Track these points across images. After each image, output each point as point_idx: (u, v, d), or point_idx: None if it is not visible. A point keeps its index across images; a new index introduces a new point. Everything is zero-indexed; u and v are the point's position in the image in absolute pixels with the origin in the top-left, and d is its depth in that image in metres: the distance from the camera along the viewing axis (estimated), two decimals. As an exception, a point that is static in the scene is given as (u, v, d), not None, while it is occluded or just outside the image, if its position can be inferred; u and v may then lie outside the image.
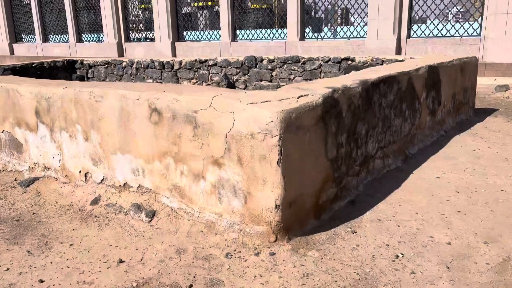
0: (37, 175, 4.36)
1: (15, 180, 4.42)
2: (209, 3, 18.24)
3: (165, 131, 3.27)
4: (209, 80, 8.39)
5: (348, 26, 14.85)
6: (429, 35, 12.84)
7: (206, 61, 8.37)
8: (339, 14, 15.53)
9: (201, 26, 17.38)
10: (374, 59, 6.80)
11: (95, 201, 3.72)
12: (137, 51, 17.83)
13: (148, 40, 18.44)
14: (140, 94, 3.39)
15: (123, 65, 9.22)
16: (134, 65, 9.08)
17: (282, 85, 6.92)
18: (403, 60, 6.45)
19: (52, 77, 8.99)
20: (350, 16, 15.83)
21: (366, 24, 14.26)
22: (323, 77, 7.28)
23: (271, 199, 2.83)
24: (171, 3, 16.63)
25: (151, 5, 17.66)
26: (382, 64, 6.75)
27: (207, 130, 3.02)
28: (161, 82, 8.22)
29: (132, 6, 18.02)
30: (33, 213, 3.66)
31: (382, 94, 3.92)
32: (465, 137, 5.22)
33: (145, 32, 18.19)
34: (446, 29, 12.53)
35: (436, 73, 4.98)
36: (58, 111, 4.02)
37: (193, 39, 17.06)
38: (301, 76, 7.49)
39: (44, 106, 4.14)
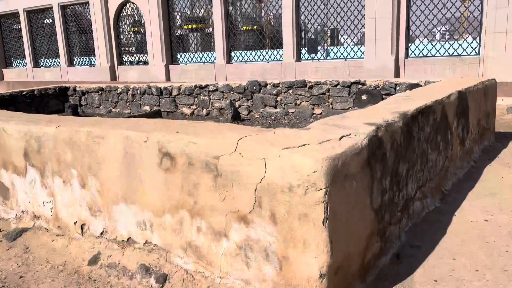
0: (25, 225, 3.74)
1: (0, 230, 3.79)
2: (200, 26, 17.91)
3: (179, 179, 2.70)
4: (210, 106, 7.86)
5: (338, 47, 14.52)
6: (427, 55, 12.53)
7: (206, 86, 7.86)
8: (328, 34, 15.23)
9: (193, 48, 16.96)
10: (387, 83, 6.34)
11: (94, 260, 3.12)
12: (130, 75, 17.30)
13: (141, 63, 17.94)
14: (148, 136, 2.83)
15: (118, 92, 8.66)
16: (130, 92, 8.53)
17: (291, 111, 6.42)
18: (419, 85, 6.00)
19: (43, 105, 8.40)
20: (340, 37, 15.54)
21: (356, 44, 13.94)
22: (331, 102, 6.80)
23: (315, 267, 2.27)
24: (164, 26, 16.21)
25: (143, 28, 17.24)
26: (395, 88, 6.30)
27: (232, 180, 2.46)
28: (159, 109, 7.67)
29: (124, 29, 17.56)
30: (20, 277, 3.03)
31: (421, 127, 3.41)
32: (497, 167, 4.73)
33: (138, 55, 17.70)
34: (444, 49, 12.22)
35: (465, 99, 4.51)
36: (50, 153, 3.44)
37: (187, 61, 16.60)
38: (308, 101, 7.00)
39: (34, 147, 3.55)
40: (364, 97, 6.50)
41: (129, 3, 16.77)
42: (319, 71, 14.04)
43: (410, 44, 12.74)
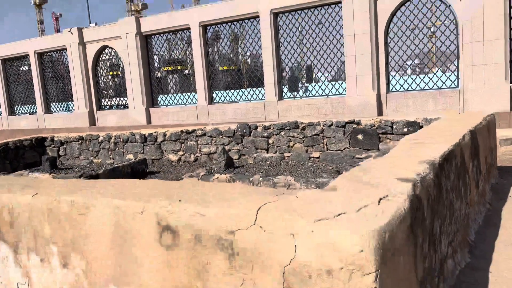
0: (-5, 311, 3.13)
1: (-36, 319, 3.15)
2: (179, 67, 17.67)
3: (184, 259, 2.21)
4: (198, 151, 7.40)
5: (319, 84, 14.46)
6: (408, 89, 12.49)
7: (193, 131, 7.42)
8: (303, 72, 15.16)
9: (174, 90, 16.64)
10: (383, 121, 6.04)
11: None
12: (109, 119, 16.75)
13: (120, 107, 17.46)
14: (145, 206, 2.34)
15: (99, 140, 8.12)
16: (112, 140, 8.00)
17: (287, 156, 6.00)
18: (417, 122, 5.71)
19: (18, 158, 7.76)
20: (314, 74, 15.52)
21: (330, 81, 13.86)
22: (326, 143, 6.43)
23: None
24: (144, 69, 15.89)
25: (121, 71, 16.88)
26: (392, 127, 5.99)
27: (252, 261, 1.99)
28: (144, 158, 7.15)
29: (102, 73, 17.15)
30: None
31: (447, 176, 3.03)
32: (513, 208, 4.38)
33: (117, 99, 17.23)
34: (424, 82, 12.23)
35: (475, 138, 4.20)
36: (25, 226, 2.89)
37: (168, 104, 16.21)
38: (301, 143, 6.63)
39: (6, 219, 2.99)
40: (360, 136, 6.17)
41: (108, 48, 16.45)
42: (302, 109, 13.84)
43: (390, 79, 12.71)
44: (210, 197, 2.34)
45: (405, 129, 5.89)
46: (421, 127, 5.82)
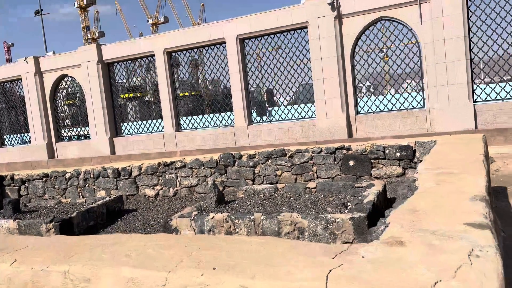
0: None
1: None
2: (138, 94, 17.03)
3: None
4: (178, 185, 6.83)
5: (273, 108, 14.32)
6: (376, 110, 12.52)
7: (172, 163, 6.86)
8: (264, 95, 15.02)
9: (132, 118, 15.96)
10: (374, 146, 5.78)
11: None
12: (70, 151, 15.71)
13: (81, 138, 16.46)
14: (168, 277, 1.83)
15: (66, 177, 7.35)
16: (82, 175, 7.27)
17: (280, 187, 5.58)
18: (410, 146, 5.49)
19: (-27, 201, 6.82)
20: (273, 97, 15.40)
21: (287, 106, 13.74)
22: (316, 171, 6.08)
23: None
24: (107, 97, 15.10)
25: (79, 100, 15.99)
26: (384, 152, 5.74)
27: None
28: (120, 196, 6.49)
29: (61, 103, 16.17)
30: None
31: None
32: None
33: (78, 129, 16.24)
34: (391, 103, 12.31)
35: (487, 161, 3.97)
36: (1, 305, 2.27)
37: (133, 132, 15.43)
38: (289, 172, 6.24)
39: (-25, 295, 2.36)
40: (351, 163, 5.87)
41: (67, 77, 15.55)
42: (273, 133, 13.55)
43: (358, 101, 12.71)
44: (248, 260, 1.87)
45: (398, 154, 5.66)
46: (414, 151, 5.61)
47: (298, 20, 12.63)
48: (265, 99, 14.85)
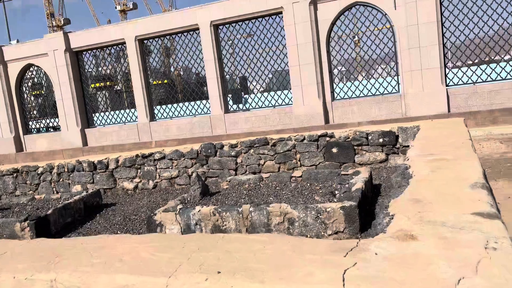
0: None
1: None
2: (108, 83, 16.50)
3: None
4: (158, 177, 6.62)
5: (249, 95, 14.20)
6: (352, 96, 12.55)
7: (151, 154, 6.63)
8: (237, 82, 14.81)
9: (103, 108, 15.48)
10: (357, 133, 5.74)
11: None
12: (39, 144, 15.11)
13: (51, 129, 15.83)
14: (169, 283, 1.69)
15: (39, 172, 7.01)
16: (55, 170, 6.95)
17: (265, 177, 5.46)
18: (392, 132, 5.48)
19: None
20: (249, 84, 15.25)
21: (263, 93, 13.59)
22: (299, 159, 6.01)
23: None
24: (77, 87, 14.54)
25: (46, 91, 15.35)
26: (367, 138, 5.71)
27: None
28: (98, 190, 6.24)
29: (28, 94, 15.48)
30: None
31: (485, 197, 2.69)
32: None
33: (47, 121, 15.60)
34: (367, 89, 12.36)
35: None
36: (-20, 318, 2.07)
37: (106, 123, 14.96)
38: (272, 160, 6.15)
39: (-51, 308, 2.14)
40: (334, 150, 5.82)
41: (33, 66, 14.86)
42: (250, 121, 13.41)
43: (334, 87, 12.70)
44: (254, 261, 1.75)
45: (380, 140, 5.64)
46: (397, 136, 5.60)
47: (273, 6, 12.44)
48: (238, 86, 14.66)
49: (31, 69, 14.94)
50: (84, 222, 5.54)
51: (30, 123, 15.45)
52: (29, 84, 15.39)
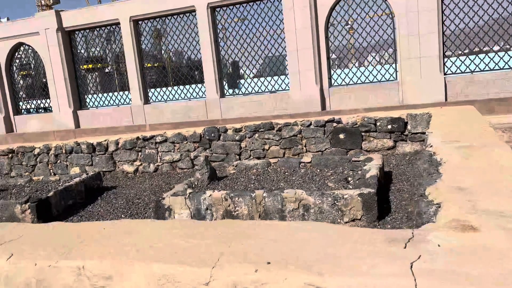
0: None
1: None
2: (99, 65, 16.09)
3: None
4: (159, 160, 6.44)
5: (245, 80, 13.94)
6: (349, 83, 12.43)
7: (152, 137, 6.44)
8: (228, 67, 14.53)
9: (96, 90, 15.11)
10: (365, 119, 5.63)
11: None
12: (30, 125, 14.73)
13: (41, 110, 15.42)
14: (213, 273, 1.55)
15: (35, 153, 6.77)
16: (52, 151, 6.71)
17: (273, 162, 5.33)
18: (401, 118, 5.37)
19: None
20: (239, 69, 14.98)
21: (260, 78, 13.33)
22: (305, 144, 5.89)
23: None
24: (69, 68, 14.13)
25: (34, 71, 14.88)
26: (375, 124, 5.60)
27: None
28: (98, 172, 6.04)
29: (16, 73, 15.00)
30: None
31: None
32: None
33: (38, 101, 15.19)
34: (365, 76, 12.24)
35: (490, 136, 3.89)
36: (-2, 307, 1.91)
37: (99, 105, 14.62)
38: (277, 145, 6.01)
39: (-37, 297, 1.98)
40: (341, 136, 5.71)
41: (24, 45, 14.37)
42: (246, 106, 13.21)
43: (332, 73, 12.55)
44: (302, 251, 1.62)
45: (389, 126, 5.54)
46: (406, 123, 5.50)
47: (272, -11, 12.15)
48: (231, 71, 14.38)
49: (21, 48, 14.45)
50: (85, 205, 5.36)
51: (21, 103, 15.02)
52: (19, 64, 14.91)
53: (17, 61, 15.11)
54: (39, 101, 15.19)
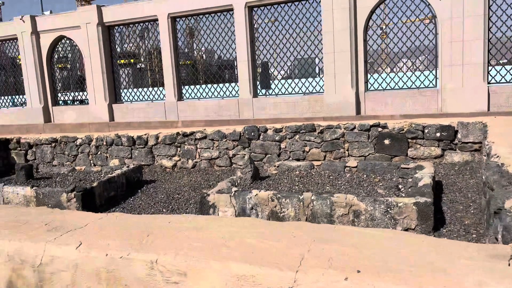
0: None
1: None
2: (132, 60, 16.32)
3: None
4: (197, 156, 6.44)
5: (280, 81, 13.84)
6: (386, 88, 12.17)
7: (192, 133, 6.44)
8: (259, 67, 14.44)
9: (132, 85, 15.34)
10: (413, 125, 5.45)
11: None
12: (67, 116, 15.07)
13: (76, 102, 15.77)
14: (297, 278, 1.47)
15: (77, 143, 6.88)
16: (93, 142, 6.81)
17: (316, 164, 5.23)
18: (452, 126, 5.17)
19: (-23, 166, 6.35)
20: (269, 70, 14.87)
21: (284, 78, 13.21)
22: (348, 149, 5.75)
23: None
24: (107, 62, 14.38)
25: (71, 64, 15.22)
26: (423, 131, 5.42)
27: None
28: (139, 165, 6.08)
29: (57, 64, 15.40)
30: None
31: None
32: None
33: (74, 94, 15.55)
34: (403, 81, 11.96)
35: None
36: (66, 296, 1.89)
37: (133, 100, 14.84)
38: (318, 148, 5.90)
39: (30, 280, 1.97)
40: (387, 141, 5.55)
41: (65, 38, 14.74)
42: (278, 107, 13.12)
43: (369, 77, 12.32)
44: (393, 261, 1.52)
45: (438, 134, 5.35)
46: (456, 131, 5.30)
47: (312, -10, 12.03)
48: (260, 71, 14.34)
49: (63, 41, 14.82)
50: (126, 197, 5.39)
51: (59, 95, 15.41)
52: (60, 56, 15.30)
53: (60, 53, 15.52)
54: (76, 93, 15.55)
